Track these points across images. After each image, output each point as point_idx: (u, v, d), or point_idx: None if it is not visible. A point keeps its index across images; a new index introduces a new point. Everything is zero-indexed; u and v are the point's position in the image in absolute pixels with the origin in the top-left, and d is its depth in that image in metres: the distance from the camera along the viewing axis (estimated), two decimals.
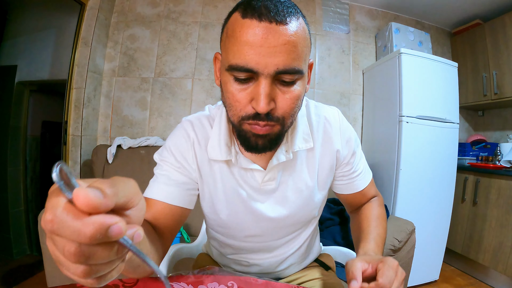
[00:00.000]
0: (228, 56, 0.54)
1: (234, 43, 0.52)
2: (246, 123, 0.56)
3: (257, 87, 0.52)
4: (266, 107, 0.52)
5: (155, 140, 2.25)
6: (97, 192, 0.25)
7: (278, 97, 0.54)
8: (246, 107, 0.55)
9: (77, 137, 2.18)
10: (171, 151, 0.70)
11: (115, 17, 2.53)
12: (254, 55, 0.50)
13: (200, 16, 2.57)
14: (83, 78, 2.21)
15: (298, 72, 0.53)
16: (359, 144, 0.80)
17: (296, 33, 0.52)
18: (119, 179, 0.31)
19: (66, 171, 0.26)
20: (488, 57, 2.65)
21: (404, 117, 2.19)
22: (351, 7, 2.84)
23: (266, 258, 0.82)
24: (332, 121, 0.75)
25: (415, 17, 2.98)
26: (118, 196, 0.28)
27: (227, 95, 0.57)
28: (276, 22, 0.50)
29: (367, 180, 0.83)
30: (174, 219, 0.69)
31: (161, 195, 0.67)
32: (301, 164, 0.73)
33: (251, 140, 0.58)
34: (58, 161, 0.26)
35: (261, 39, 0.50)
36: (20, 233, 2.41)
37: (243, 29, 0.51)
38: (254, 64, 0.51)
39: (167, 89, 2.50)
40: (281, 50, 0.50)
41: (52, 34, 2.55)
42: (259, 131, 0.56)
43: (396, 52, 2.29)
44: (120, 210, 0.30)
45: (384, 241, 0.73)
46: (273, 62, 0.50)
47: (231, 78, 0.55)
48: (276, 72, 0.51)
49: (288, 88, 0.55)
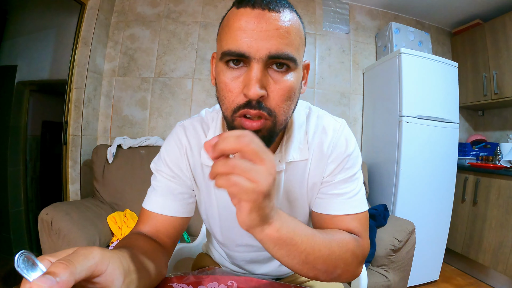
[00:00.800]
0: (222, 45, 0.54)
1: (227, 31, 0.53)
2: (237, 117, 0.54)
3: (249, 73, 0.51)
4: (257, 91, 0.50)
5: (155, 140, 2.25)
6: (50, 280, 0.29)
7: (270, 85, 0.53)
8: (238, 97, 0.53)
9: (77, 137, 2.18)
10: (165, 161, 0.70)
11: (115, 17, 2.54)
12: (247, 38, 0.50)
13: (200, 16, 2.57)
14: (83, 78, 2.21)
15: (290, 59, 0.52)
16: (355, 164, 0.68)
17: (289, 21, 0.52)
18: (81, 252, 0.34)
19: (31, 257, 0.31)
20: (488, 57, 2.65)
21: (404, 117, 2.19)
22: (351, 7, 2.83)
23: (260, 266, 0.82)
24: (328, 132, 0.68)
25: (415, 17, 2.98)
26: (76, 274, 0.31)
27: (220, 86, 0.56)
28: (269, 9, 0.51)
29: (349, 209, 0.65)
30: (175, 229, 0.69)
31: (160, 208, 0.68)
32: (294, 175, 0.69)
33: None
34: (21, 251, 0.31)
35: (253, 23, 0.50)
36: (20, 233, 2.41)
37: (237, 17, 0.52)
38: (246, 47, 0.50)
39: (167, 89, 2.50)
40: (273, 35, 0.50)
41: (52, 34, 2.54)
42: (250, 126, 0.53)
43: (396, 52, 2.29)
44: (89, 279, 0.35)
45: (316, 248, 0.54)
46: (265, 46, 0.50)
47: (225, 67, 0.54)
48: (268, 56, 0.50)
49: (281, 77, 0.53)
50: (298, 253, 0.52)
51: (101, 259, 0.36)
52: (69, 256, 0.33)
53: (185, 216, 0.71)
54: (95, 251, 0.36)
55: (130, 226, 1.77)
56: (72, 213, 1.60)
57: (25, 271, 0.30)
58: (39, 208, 1.70)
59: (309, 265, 0.54)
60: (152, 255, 0.58)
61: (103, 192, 2.05)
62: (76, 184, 2.18)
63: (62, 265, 0.31)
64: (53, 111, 2.60)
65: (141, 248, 0.57)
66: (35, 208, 2.51)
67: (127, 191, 2.03)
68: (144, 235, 0.66)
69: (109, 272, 0.37)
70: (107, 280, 0.37)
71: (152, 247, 0.63)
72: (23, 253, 0.30)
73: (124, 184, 2.04)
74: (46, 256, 0.33)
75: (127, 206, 1.97)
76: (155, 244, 0.65)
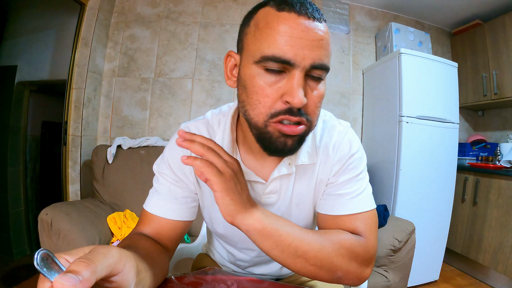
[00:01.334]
0: (262, 47, 0.51)
1: (269, 33, 0.51)
2: (273, 122, 0.53)
3: (291, 80, 0.51)
4: (301, 100, 0.50)
5: (155, 140, 2.25)
6: (73, 279, 0.28)
7: (309, 93, 0.53)
8: (276, 103, 0.52)
9: (77, 137, 2.18)
10: (169, 165, 0.69)
11: (115, 17, 2.54)
12: (293, 46, 0.49)
13: (200, 16, 2.57)
14: (83, 78, 2.21)
15: (327, 70, 0.54)
16: (358, 165, 0.68)
17: (327, 33, 0.54)
18: (100, 251, 0.34)
19: (50, 255, 0.31)
20: (488, 57, 2.65)
21: (404, 117, 2.19)
22: (351, 7, 2.84)
23: (263, 268, 0.82)
24: (333, 135, 0.69)
25: (415, 17, 2.98)
26: (97, 272, 0.31)
27: (253, 90, 0.53)
28: (314, 19, 0.51)
29: (352, 208, 0.65)
30: (176, 232, 0.69)
31: (162, 211, 0.67)
32: (303, 178, 0.69)
33: (278, 141, 0.54)
34: (40, 249, 0.30)
35: (300, 31, 0.49)
36: (20, 233, 2.41)
37: (281, 21, 0.50)
38: (292, 55, 0.49)
39: (167, 89, 2.50)
40: (318, 45, 0.51)
41: (52, 34, 2.55)
42: (288, 131, 0.53)
43: (396, 52, 2.29)
44: (106, 278, 0.35)
45: (308, 249, 0.56)
46: (310, 55, 0.50)
47: (262, 71, 0.52)
48: (311, 65, 0.51)
49: (316, 85, 0.54)
50: (286, 245, 0.54)
51: (119, 258, 0.36)
52: (89, 255, 0.33)
53: (187, 220, 0.70)
54: (113, 249, 0.36)
55: (130, 227, 1.77)
56: (72, 213, 1.59)
57: (45, 269, 0.30)
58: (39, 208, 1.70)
59: (301, 259, 0.55)
60: (154, 255, 0.58)
61: (103, 192, 2.05)
62: (76, 184, 2.18)
63: (84, 263, 0.31)
64: (53, 112, 2.61)
65: (144, 248, 0.57)
66: (35, 208, 2.51)
67: (127, 192, 2.02)
68: (146, 236, 0.66)
69: (126, 271, 0.38)
70: (123, 279, 0.37)
71: (154, 247, 0.63)
72: (41, 250, 0.30)
73: (124, 184, 2.04)
74: (62, 254, 0.33)
75: (127, 206, 1.97)
76: (157, 245, 0.65)
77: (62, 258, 0.33)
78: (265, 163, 0.67)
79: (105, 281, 0.36)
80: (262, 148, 0.57)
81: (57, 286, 0.28)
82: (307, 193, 0.70)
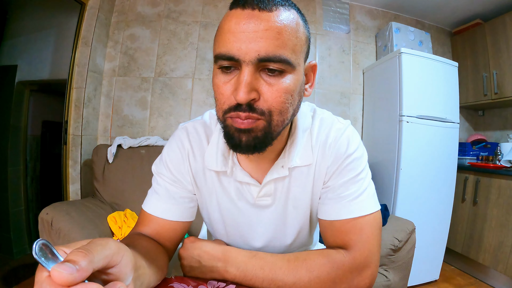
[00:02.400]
0: (215, 48, 0.53)
1: (219, 33, 0.52)
2: (229, 117, 0.53)
3: (239, 77, 0.50)
4: (245, 96, 0.48)
5: (156, 139, 2.25)
6: (70, 268, 0.29)
7: (262, 88, 0.51)
8: (229, 99, 0.52)
9: (77, 136, 2.18)
10: (167, 165, 0.70)
11: (115, 16, 2.54)
12: (236, 41, 0.48)
13: (200, 16, 2.57)
14: (84, 78, 2.21)
15: (284, 61, 0.49)
16: (358, 165, 0.65)
17: (282, 21, 0.50)
18: (98, 242, 0.34)
19: (48, 245, 0.31)
20: (489, 57, 2.65)
21: (404, 116, 2.19)
22: (351, 6, 2.83)
23: None
24: (331, 134, 0.66)
25: (415, 16, 2.98)
26: (94, 262, 0.31)
27: (214, 89, 0.55)
28: (259, 9, 0.49)
29: (347, 214, 0.62)
30: (176, 233, 0.69)
31: (161, 212, 0.67)
32: (299, 180, 0.67)
33: (234, 136, 0.53)
34: (38, 239, 0.30)
35: (243, 25, 0.48)
36: (21, 233, 2.41)
37: (227, 19, 0.51)
38: (235, 51, 0.48)
39: (168, 88, 2.50)
40: (262, 36, 0.48)
41: (52, 34, 2.55)
42: (240, 124, 0.52)
43: (396, 52, 2.29)
44: (103, 270, 0.35)
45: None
46: (254, 48, 0.48)
47: (218, 71, 0.53)
48: (258, 59, 0.48)
49: (275, 80, 0.51)
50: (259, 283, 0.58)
51: (117, 250, 0.36)
52: (86, 246, 0.33)
53: (186, 220, 0.70)
54: (111, 242, 0.36)
55: (130, 226, 1.78)
56: (72, 213, 1.59)
57: (43, 259, 0.30)
58: (39, 208, 1.70)
59: None
60: (153, 254, 0.58)
61: (103, 191, 2.05)
62: (76, 184, 2.18)
63: (81, 253, 0.31)
64: (53, 111, 2.61)
65: (143, 247, 0.57)
66: (35, 208, 2.52)
67: (127, 191, 2.03)
68: (145, 235, 0.66)
69: (123, 263, 0.37)
70: (121, 271, 0.37)
71: (154, 247, 0.63)
72: (40, 241, 0.30)
73: (124, 184, 2.04)
74: (60, 247, 0.33)
75: (127, 206, 1.97)
76: (156, 245, 0.65)
77: (61, 251, 0.33)
78: (260, 165, 0.67)
79: (102, 272, 0.36)
80: (226, 142, 0.57)
81: (54, 275, 0.28)
82: (304, 195, 0.69)
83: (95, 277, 0.35)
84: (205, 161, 0.68)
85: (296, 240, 0.75)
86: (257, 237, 0.73)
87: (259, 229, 0.72)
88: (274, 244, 0.74)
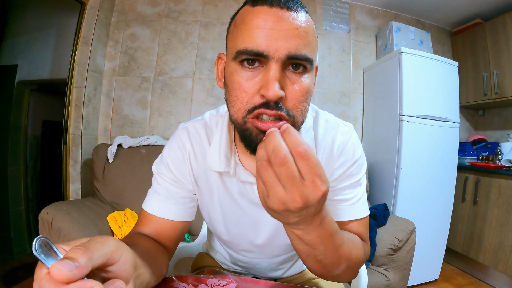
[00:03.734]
0: (237, 43, 0.51)
1: (243, 29, 0.51)
2: (250, 118, 0.51)
3: (267, 73, 0.49)
4: (276, 92, 0.47)
5: (156, 139, 2.25)
6: (69, 265, 0.29)
7: (288, 86, 0.51)
8: (254, 97, 0.51)
9: (77, 136, 2.18)
10: (167, 165, 0.69)
11: (115, 16, 2.53)
12: (265, 38, 0.48)
13: (200, 15, 2.57)
14: (84, 77, 2.21)
15: (308, 60, 0.51)
16: (360, 171, 0.68)
17: (307, 22, 0.52)
18: (97, 240, 0.35)
19: (48, 242, 0.31)
20: (489, 57, 2.65)
21: (405, 116, 2.19)
22: (351, 6, 2.83)
23: (261, 266, 0.82)
24: (338, 136, 0.68)
25: (415, 16, 2.98)
26: (94, 260, 0.32)
27: (233, 87, 0.53)
28: (287, 9, 0.50)
29: (355, 214, 0.66)
30: (176, 233, 0.69)
31: (161, 211, 0.67)
32: None
33: (258, 138, 0.52)
34: (38, 236, 0.31)
35: (272, 22, 0.49)
36: (21, 232, 2.41)
37: (253, 15, 0.50)
38: (264, 47, 0.48)
39: (168, 88, 2.50)
40: (293, 34, 0.49)
41: (52, 33, 2.55)
42: (265, 127, 0.50)
43: (396, 51, 2.28)
44: (103, 267, 0.35)
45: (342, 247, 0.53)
46: (284, 45, 0.48)
47: (238, 67, 0.52)
48: (287, 56, 0.49)
49: (298, 78, 0.52)
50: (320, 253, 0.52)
51: (116, 248, 0.36)
52: (86, 243, 0.33)
53: (186, 220, 0.71)
54: (110, 239, 0.36)
55: (130, 225, 1.78)
56: (72, 212, 1.60)
57: (43, 256, 0.30)
58: (39, 208, 1.70)
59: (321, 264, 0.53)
60: (154, 254, 0.58)
61: (104, 191, 2.05)
62: (76, 183, 2.19)
63: (80, 250, 0.31)
64: (54, 111, 2.61)
65: (143, 247, 0.57)
66: (36, 208, 2.52)
67: (127, 191, 2.03)
68: (145, 235, 0.66)
69: (122, 261, 0.38)
70: (120, 269, 0.38)
71: (154, 246, 0.63)
72: (40, 238, 0.31)
73: (124, 183, 2.04)
74: (60, 244, 0.33)
75: (127, 205, 1.97)
76: (156, 244, 0.65)
77: (61, 248, 0.33)
78: None
79: (101, 270, 0.36)
80: (245, 146, 0.56)
81: (53, 271, 0.28)
82: None
83: (94, 274, 0.35)
84: (208, 162, 0.67)
85: None
86: (260, 235, 0.73)
87: (263, 228, 0.72)
88: (276, 242, 0.74)
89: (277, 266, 0.82)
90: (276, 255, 0.77)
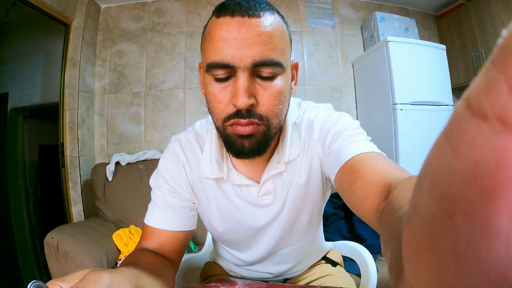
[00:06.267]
0: (207, 56, 0.53)
1: (210, 41, 0.52)
2: (229, 125, 0.54)
3: (236, 83, 0.51)
4: (245, 101, 0.50)
5: (153, 153, 2.25)
6: None
7: (259, 92, 0.53)
8: (228, 107, 0.53)
9: (74, 158, 2.18)
10: (163, 177, 0.71)
11: (100, 34, 2.54)
12: (229, 49, 0.50)
13: (184, 26, 2.57)
14: (75, 99, 2.21)
15: (276, 64, 0.52)
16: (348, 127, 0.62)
17: (271, 25, 0.52)
18: (91, 278, 0.35)
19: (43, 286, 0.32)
20: (476, 36, 2.66)
21: (398, 104, 2.20)
22: (334, 0, 2.84)
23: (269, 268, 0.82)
24: (316, 120, 0.68)
25: (398, 4, 2.99)
26: None
27: (209, 98, 0.55)
28: (249, 16, 0.50)
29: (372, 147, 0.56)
30: (179, 243, 0.70)
31: (162, 223, 0.68)
32: (296, 173, 0.68)
33: (236, 143, 0.55)
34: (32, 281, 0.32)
35: (234, 32, 0.50)
36: (28, 259, 2.40)
37: (217, 27, 0.51)
38: (230, 58, 0.50)
39: (160, 101, 2.51)
40: (255, 41, 0.50)
41: (40, 58, 2.55)
42: (242, 131, 0.53)
43: (383, 41, 2.29)
44: None
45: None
46: (248, 53, 0.49)
47: (211, 79, 0.54)
48: (253, 64, 0.50)
49: (269, 83, 0.53)
50: None
51: (111, 283, 0.36)
52: (79, 284, 0.33)
53: (187, 229, 0.71)
54: (104, 275, 0.36)
55: (136, 242, 1.77)
56: (77, 234, 1.60)
57: None
58: (44, 233, 1.70)
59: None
60: (158, 270, 0.59)
61: (106, 210, 2.05)
62: (78, 205, 2.18)
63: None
64: (49, 135, 2.60)
65: (147, 263, 0.58)
66: (40, 233, 2.51)
67: (129, 207, 2.03)
68: (149, 250, 0.67)
69: None
70: None
71: (158, 262, 0.63)
72: (34, 282, 0.31)
73: (126, 200, 2.04)
74: (56, 281, 0.34)
75: (131, 222, 1.97)
76: (161, 259, 0.65)
77: (56, 285, 0.33)
78: (255, 166, 0.68)
79: None
80: (228, 151, 0.58)
81: None
82: (306, 182, 0.69)
83: None
84: (201, 170, 0.69)
85: (304, 233, 0.75)
86: (261, 235, 0.74)
87: (261, 230, 0.73)
88: (284, 245, 0.75)
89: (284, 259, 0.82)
90: (280, 248, 0.78)
